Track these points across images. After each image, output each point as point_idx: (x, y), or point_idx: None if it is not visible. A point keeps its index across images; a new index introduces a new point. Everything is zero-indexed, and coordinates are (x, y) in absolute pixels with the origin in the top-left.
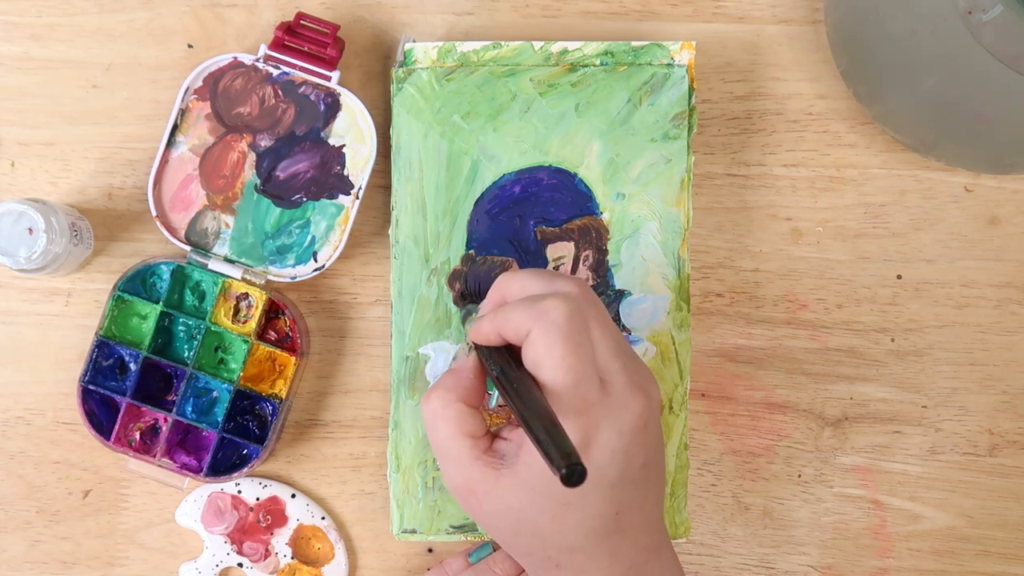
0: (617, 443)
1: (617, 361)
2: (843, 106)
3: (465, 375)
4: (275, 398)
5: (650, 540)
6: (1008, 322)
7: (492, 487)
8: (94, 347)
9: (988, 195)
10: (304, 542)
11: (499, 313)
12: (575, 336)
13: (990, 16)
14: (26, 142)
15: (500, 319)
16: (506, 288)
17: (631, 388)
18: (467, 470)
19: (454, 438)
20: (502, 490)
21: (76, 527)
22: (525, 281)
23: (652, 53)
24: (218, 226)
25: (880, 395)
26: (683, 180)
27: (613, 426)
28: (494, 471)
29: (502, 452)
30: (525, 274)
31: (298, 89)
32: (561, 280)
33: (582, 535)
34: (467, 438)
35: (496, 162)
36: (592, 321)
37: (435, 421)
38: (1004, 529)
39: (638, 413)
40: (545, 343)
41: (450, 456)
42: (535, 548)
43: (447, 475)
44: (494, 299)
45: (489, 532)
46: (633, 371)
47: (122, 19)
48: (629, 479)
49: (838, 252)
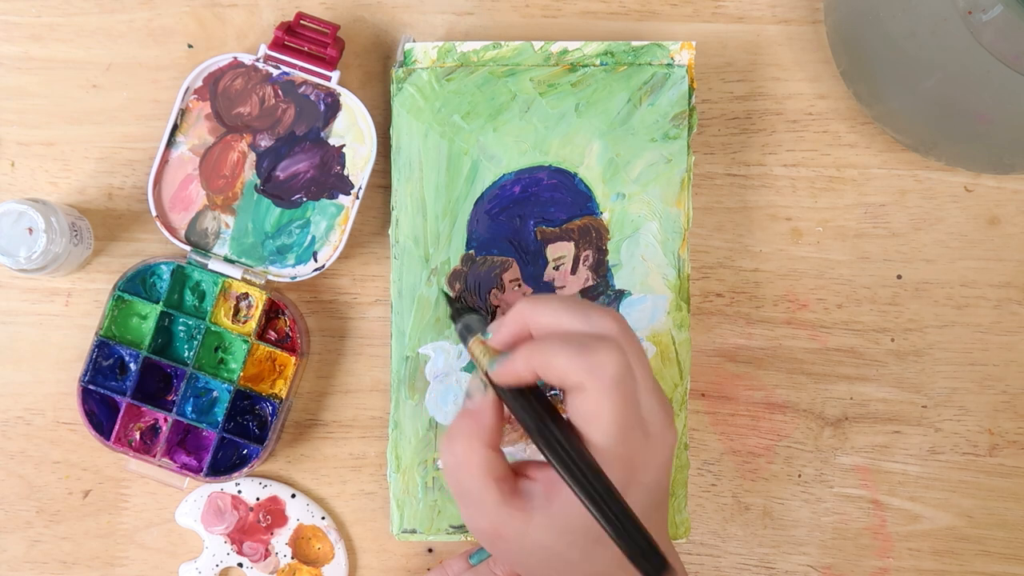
0: (652, 476)
1: (654, 397)
2: (843, 106)
3: (486, 417)
4: (275, 398)
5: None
6: (1008, 322)
7: (522, 529)
8: (94, 347)
9: (988, 195)
10: (304, 542)
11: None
12: (629, 393)
13: (990, 16)
14: (26, 142)
15: (540, 361)
16: (533, 318)
17: (667, 424)
18: (494, 515)
19: (483, 486)
20: (533, 531)
21: (76, 527)
22: (558, 314)
23: (652, 53)
24: (218, 226)
25: (880, 395)
26: (683, 180)
27: (652, 463)
28: (523, 514)
29: (529, 493)
30: (556, 305)
31: (298, 89)
32: (597, 315)
33: (614, 565)
34: (494, 483)
35: (496, 162)
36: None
37: (459, 470)
38: (1004, 529)
39: (671, 445)
40: (598, 400)
41: (474, 502)
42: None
43: (471, 519)
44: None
45: (515, 567)
46: (665, 403)
47: (122, 19)
48: (655, 504)
49: (838, 252)
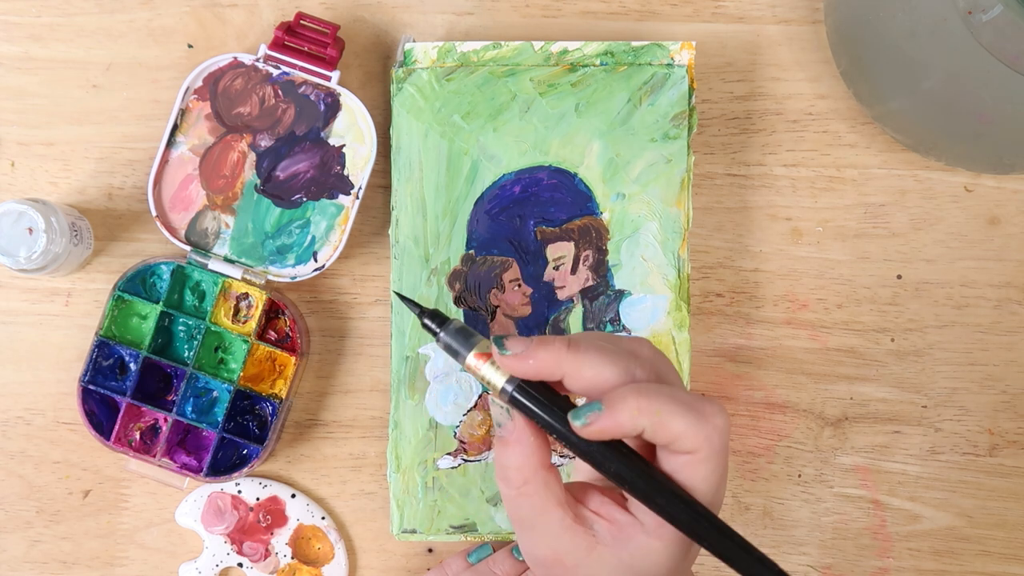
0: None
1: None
2: (843, 106)
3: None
4: (275, 398)
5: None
6: (1008, 322)
7: (584, 559)
8: (94, 347)
9: (988, 195)
10: (304, 542)
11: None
12: (726, 452)
13: (990, 16)
14: (26, 142)
15: (652, 420)
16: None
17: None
18: (556, 541)
19: (546, 510)
20: (594, 563)
21: (76, 527)
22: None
23: (652, 53)
24: (218, 226)
25: (880, 395)
26: (683, 180)
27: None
28: (586, 542)
29: (593, 525)
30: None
31: (298, 89)
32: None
33: None
34: (558, 507)
35: (496, 162)
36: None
37: (520, 499)
38: (1004, 529)
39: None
40: (712, 465)
41: (537, 528)
42: None
43: (532, 545)
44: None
45: None
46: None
47: (122, 19)
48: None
49: (838, 252)
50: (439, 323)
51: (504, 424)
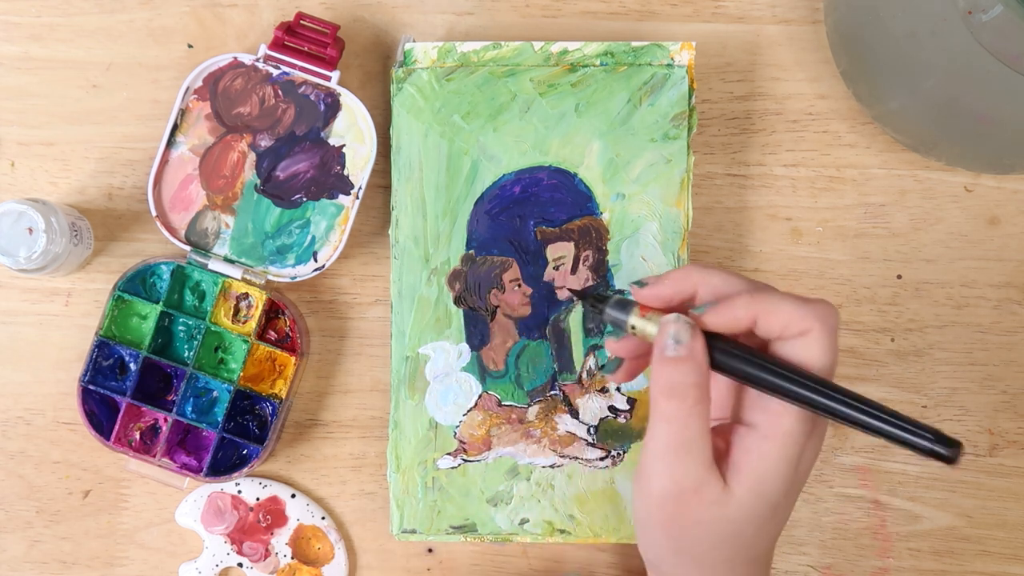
0: (818, 446)
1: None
2: (843, 106)
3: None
4: (275, 398)
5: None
6: (1008, 322)
7: (719, 495)
8: (94, 347)
9: (988, 195)
10: (304, 542)
11: (761, 300)
12: (837, 337)
13: (990, 16)
14: (26, 142)
15: (764, 307)
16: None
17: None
18: (702, 470)
19: (705, 435)
20: (727, 498)
21: (76, 527)
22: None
23: (652, 53)
24: (218, 226)
25: (880, 395)
26: (683, 180)
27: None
28: (722, 482)
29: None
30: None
31: (298, 89)
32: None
33: (772, 543)
34: (712, 436)
35: (496, 162)
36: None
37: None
38: (1004, 529)
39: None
40: (825, 344)
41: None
42: (721, 560)
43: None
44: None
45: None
46: None
47: (122, 19)
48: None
49: (838, 252)
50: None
51: (684, 342)
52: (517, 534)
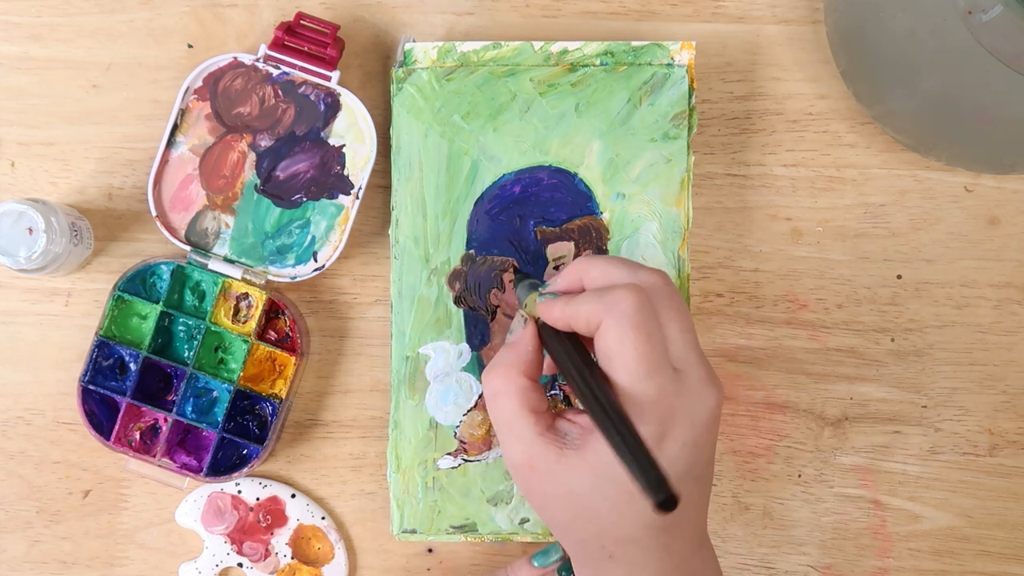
0: (690, 435)
1: (693, 353)
2: (843, 106)
3: (524, 349)
4: (275, 398)
5: (698, 535)
6: (1008, 322)
7: (553, 466)
8: (94, 347)
9: (988, 195)
10: (304, 542)
11: (571, 303)
12: (646, 326)
13: (990, 16)
14: (26, 142)
15: (572, 310)
16: (587, 272)
17: (708, 380)
18: (529, 446)
19: (517, 413)
20: (564, 470)
21: (76, 527)
22: (608, 267)
23: (652, 53)
24: (218, 226)
25: (880, 395)
26: (683, 180)
27: (687, 418)
28: (556, 449)
29: (564, 432)
30: (609, 260)
31: (298, 89)
32: (644, 271)
33: (640, 527)
34: (531, 414)
35: (496, 162)
36: (669, 312)
37: (497, 397)
38: (1004, 529)
39: (712, 407)
40: (616, 334)
41: (512, 432)
42: (590, 536)
43: (508, 452)
44: (571, 279)
45: (545, 517)
46: (708, 364)
47: (122, 19)
48: (693, 474)
49: (838, 252)
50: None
51: (516, 330)
52: (517, 534)
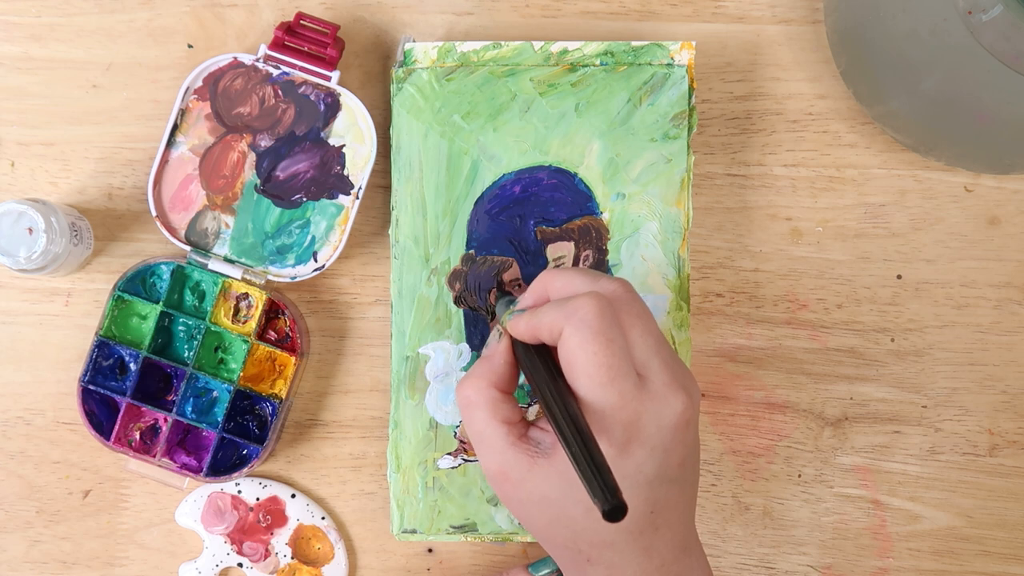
0: (657, 440)
1: (657, 358)
2: (843, 106)
3: (497, 362)
4: (275, 398)
5: (682, 539)
6: (1008, 322)
7: (526, 474)
8: (94, 347)
9: (988, 195)
10: (304, 542)
11: (535, 315)
12: (606, 332)
13: (990, 16)
14: (26, 142)
15: (535, 321)
16: (550, 284)
17: (672, 385)
18: (501, 456)
19: (489, 424)
20: (536, 478)
21: (76, 527)
22: (570, 279)
23: (652, 53)
24: (218, 226)
25: (880, 395)
26: (683, 180)
27: (653, 422)
28: (528, 458)
29: (537, 440)
30: (571, 272)
31: (298, 89)
32: (605, 279)
33: (614, 530)
34: (502, 424)
35: (496, 162)
36: (630, 318)
37: (469, 408)
38: (1004, 529)
39: (679, 411)
40: (577, 341)
41: (485, 442)
42: (567, 541)
43: (483, 461)
44: (537, 293)
45: (525, 523)
46: (675, 368)
47: (122, 19)
48: (667, 477)
49: (838, 252)
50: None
51: (491, 344)
52: (517, 533)
